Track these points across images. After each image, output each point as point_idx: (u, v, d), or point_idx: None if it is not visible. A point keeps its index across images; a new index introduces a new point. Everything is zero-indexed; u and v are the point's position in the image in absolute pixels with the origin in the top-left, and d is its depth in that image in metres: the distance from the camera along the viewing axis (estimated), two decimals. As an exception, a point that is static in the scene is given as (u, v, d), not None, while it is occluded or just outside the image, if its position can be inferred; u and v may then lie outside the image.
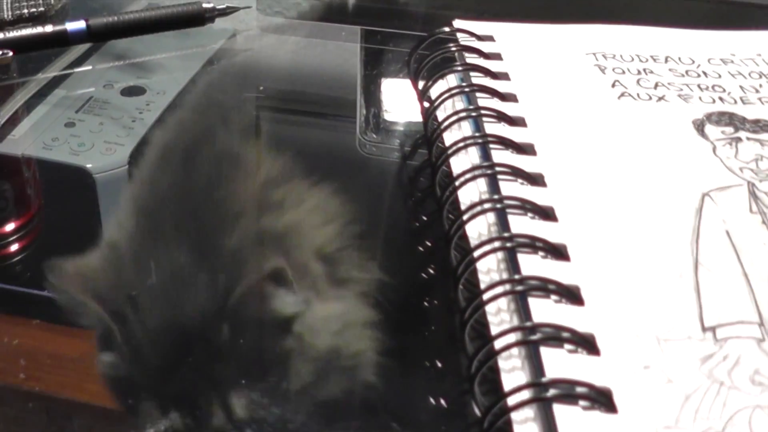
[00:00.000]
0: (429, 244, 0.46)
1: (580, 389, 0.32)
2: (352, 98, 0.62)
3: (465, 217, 0.40)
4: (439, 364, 0.40)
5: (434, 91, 0.49)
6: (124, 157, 0.55)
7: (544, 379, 0.32)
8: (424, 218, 0.48)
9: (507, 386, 0.34)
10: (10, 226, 0.50)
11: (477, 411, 0.35)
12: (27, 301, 0.45)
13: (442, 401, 0.38)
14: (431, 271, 0.45)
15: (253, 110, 0.60)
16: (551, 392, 0.32)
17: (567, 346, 0.33)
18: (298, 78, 0.65)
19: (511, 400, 0.32)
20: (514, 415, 0.32)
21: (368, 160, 0.55)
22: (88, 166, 0.54)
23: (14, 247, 0.49)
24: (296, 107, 0.61)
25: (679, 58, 0.53)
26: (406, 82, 0.60)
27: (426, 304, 0.43)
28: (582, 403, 0.32)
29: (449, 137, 0.46)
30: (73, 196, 0.53)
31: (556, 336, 0.33)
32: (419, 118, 0.52)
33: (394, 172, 0.54)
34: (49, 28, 0.59)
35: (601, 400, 0.32)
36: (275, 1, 0.73)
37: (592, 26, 0.56)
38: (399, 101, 0.63)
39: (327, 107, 0.63)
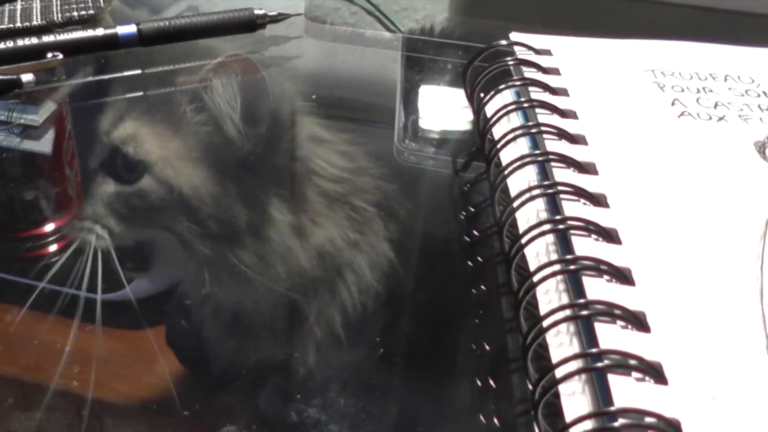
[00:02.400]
0: (481, 259, 0.46)
1: (649, 420, 0.31)
2: (391, 105, 0.62)
3: (524, 240, 0.39)
4: (494, 384, 0.39)
5: (491, 105, 0.49)
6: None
7: (612, 408, 0.31)
8: (476, 234, 0.47)
9: (570, 414, 0.33)
10: (50, 227, 0.50)
11: (539, 437, 0.34)
12: (63, 300, 0.45)
13: (496, 422, 0.37)
14: (484, 288, 0.44)
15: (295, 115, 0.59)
16: (619, 422, 0.31)
17: (634, 375, 0.33)
18: (341, 84, 0.65)
19: (576, 430, 0.32)
20: (579, 444, 0.32)
21: (405, 168, 0.55)
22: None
23: (53, 248, 0.49)
24: (336, 113, 0.61)
25: (739, 77, 0.52)
26: (446, 91, 0.60)
27: (483, 322, 0.42)
28: (651, 434, 0.31)
29: (507, 153, 0.45)
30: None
31: (624, 363, 0.33)
32: (458, 127, 0.51)
33: (434, 180, 0.54)
34: (100, 32, 0.59)
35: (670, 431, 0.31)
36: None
37: (650, 41, 0.55)
38: (438, 110, 0.62)
39: (366, 113, 0.62)
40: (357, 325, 0.43)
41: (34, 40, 0.58)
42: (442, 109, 0.62)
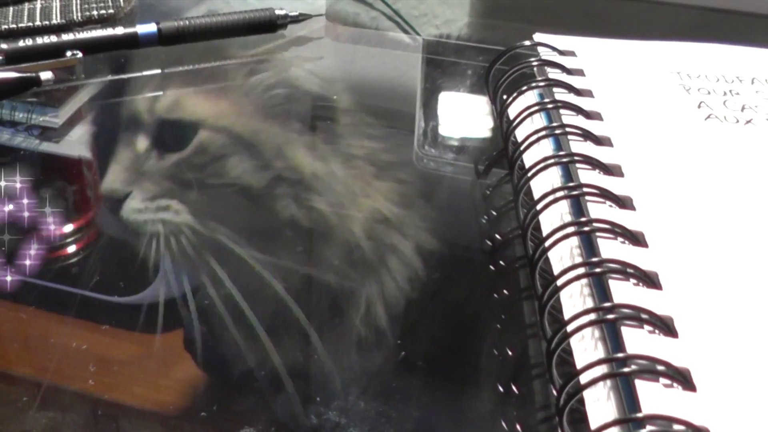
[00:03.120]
0: (503, 263, 0.45)
1: (677, 427, 0.30)
2: (411, 110, 0.61)
3: (548, 243, 0.38)
4: (516, 390, 0.38)
5: (514, 107, 0.48)
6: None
7: (639, 415, 0.31)
8: (498, 237, 0.46)
9: (595, 420, 0.32)
10: (69, 227, 0.50)
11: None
12: (78, 302, 0.44)
13: (519, 428, 0.37)
14: (506, 292, 0.43)
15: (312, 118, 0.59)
16: (647, 429, 0.30)
17: (662, 381, 0.32)
18: (360, 87, 0.64)
19: (602, 436, 0.31)
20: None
21: (426, 175, 0.54)
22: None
23: (72, 249, 0.49)
24: (354, 117, 0.60)
25: (766, 80, 0.51)
26: (467, 95, 0.59)
27: (505, 326, 0.42)
28: (679, 441, 0.30)
29: (531, 155, 0.44)
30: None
31: (651, 369, 0.32)
32: (479, 132, 0.51)
33: (454, 184, 0.53)
34: (119, 31, 0.59)
35: (699, 439, 0.30)
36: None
37: (675, 43, 0.54)
38: (459, 114, 0.61)
39: (386, 118, 0.62)
40: (379, 328, 0.42)
41: (54, 39, 0.57)
42: (463, 113, 0.62)
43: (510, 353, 0.40)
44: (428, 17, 0.75)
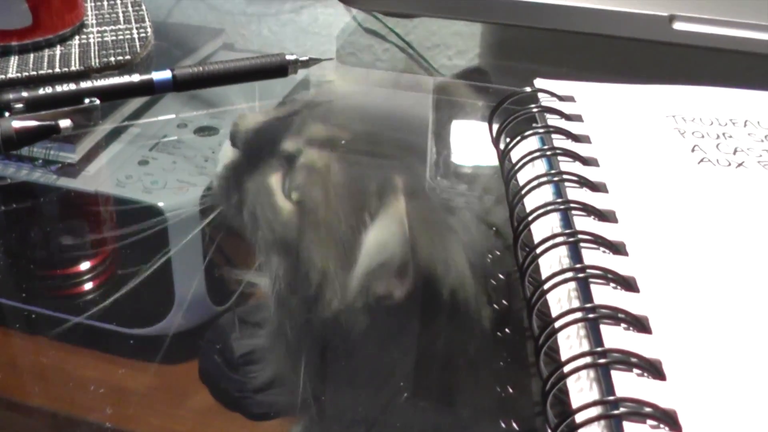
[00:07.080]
0: (506, 303, 0.47)
1: (663, 469, 0.32)
2: (422, 145, 0.62)
3: (546, 287, 0.40)
4: (517, 428, 0.40)
5: (516, 152, 0.50)
6: (196, 196, 0.56)
7: (627, 457, 0.32)
8: (501, 277, 0.48)
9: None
10: (85, 265, 0.51)
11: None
12: (98, 335, 0.45)
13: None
14: (508, 331, 0.45)
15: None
16: (635, 471, 0.32)
17: (650, 422, 0.34)
18: (372, 127, 0.65)
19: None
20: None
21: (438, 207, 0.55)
22: (161, 204, 0.55)
23: (89, 286, 0.50)
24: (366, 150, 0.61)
25: (759, 122, 0.52)
26: (477, 134, 0.60)
27: (508, 365, 0.43)
28: (665, 484, 0.32)
29: (531, 200, 0.46)
30: (144, 234, 0.54)
31: (639, 411, 0.34)
32: (488, 171, 0.52)
33: (466, 221, 0.55)
34: (136, 78, 0.60)
35: (685, 480, 0.32)
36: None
37: (670, 87, 0.56)
38: (468, 155, 0.63)
39: (397, 152, 0.63)
40: (379, 367, 0.44)
41: (72, 86, 0.59)
42: (473, 153, 0.63)
43: (510, 391, 0.42)
44: (441, 48, 0.76)
